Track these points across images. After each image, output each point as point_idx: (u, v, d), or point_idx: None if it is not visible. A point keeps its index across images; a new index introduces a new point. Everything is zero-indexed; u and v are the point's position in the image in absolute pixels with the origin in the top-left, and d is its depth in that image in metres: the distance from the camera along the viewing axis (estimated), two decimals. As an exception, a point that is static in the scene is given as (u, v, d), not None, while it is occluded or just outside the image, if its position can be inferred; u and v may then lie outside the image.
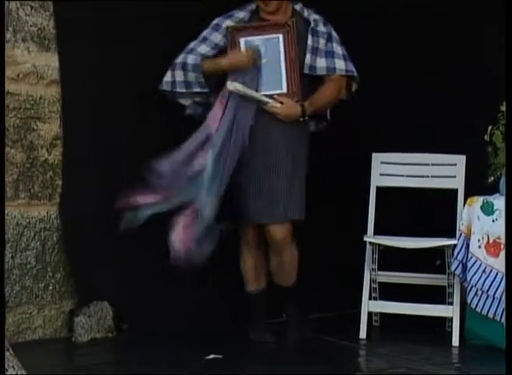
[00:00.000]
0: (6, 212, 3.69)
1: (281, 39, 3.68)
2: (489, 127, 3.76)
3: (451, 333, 3.79)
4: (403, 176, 4.04)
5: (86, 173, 3.86)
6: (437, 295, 3.93)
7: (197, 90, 3.71)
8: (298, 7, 3.80)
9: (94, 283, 3.86)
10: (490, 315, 3.66)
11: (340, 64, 3.75)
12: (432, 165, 4.00)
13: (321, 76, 3.75)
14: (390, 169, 4.04)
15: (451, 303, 3.84)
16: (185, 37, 3.75)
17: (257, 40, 3.69)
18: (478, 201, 3.73)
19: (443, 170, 3.99)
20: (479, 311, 3.69)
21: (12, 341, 3.38)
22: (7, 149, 3.71)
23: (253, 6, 3.76)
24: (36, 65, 3.77)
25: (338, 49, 3.76)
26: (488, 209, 3.70)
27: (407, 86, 4.27)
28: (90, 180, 3.86)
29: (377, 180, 4.04)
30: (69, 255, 3.87)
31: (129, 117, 3.96)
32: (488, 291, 3.66)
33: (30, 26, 3.73)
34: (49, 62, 3.80)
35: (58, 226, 3.86)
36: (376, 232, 3.98)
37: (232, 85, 3.63)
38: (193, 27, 3.77)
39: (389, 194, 4.03)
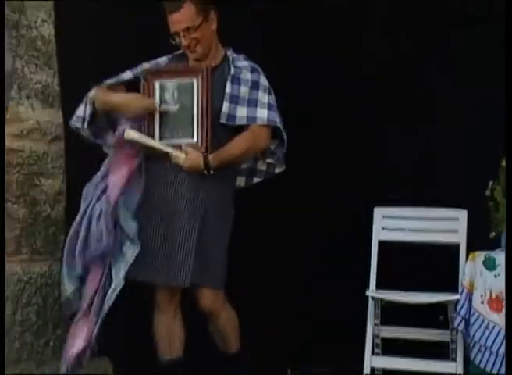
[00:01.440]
0: (7, 267, 3.68)
1: (195, 85, 3.43)
2: (490, 182, 3.78)
3: (455, 389, 3.77)
4: (405, 230, 4.04)
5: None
6: (441, 350, 3.90)
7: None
8: (229, 52, 3.58)
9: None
10: (494, 371, 3.63)
11: (262, 113, 3.48)
12: (434, 219, 4.01)
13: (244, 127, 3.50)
14: (392, 224, 4.05)
15: (454, 359, 3.82)
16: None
17: (170, 84, 3.45)
18: (480, 256, 3.72)
19: (445, 225, 3.99)
20: (483, 367, 3.66)
21: (12, 398, 3.36)
22: (9, 205, 3.71)
23: (178, 52, 3.56)
24: (40, 121, 3.80)
25: (263, 98, 3.50)
26: (490, 264, 3.69)
27: (408, 138, 4.29)
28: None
29: (379, 234, 4.04)
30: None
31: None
32: (491, 347, 3.63)
33: (35, 83, 3.77)
34: (53, 118, 3.83)
35: (60, 281, 3.85)
36: (378, 286, 3.97)
37: (127, 134, 3.40)
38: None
39: (392, 248, 4.04)
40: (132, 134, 3.42)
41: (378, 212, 4.05)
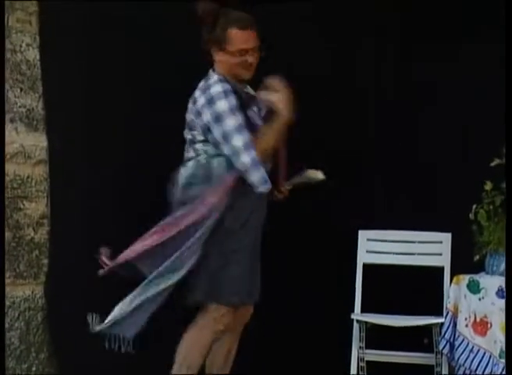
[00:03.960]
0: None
1: None
2: (474, 206, 3.79)
3: (440, 413, 3.77)
4: (389, 253, 4.06)
5: (72, 253, 3.85)
6: (426, 373, 3.90)
7: None
8: None
9: (78, 364, 3.81)
10: (479, 395, 3.64)
11: None
12: (418, 242, 4.03)
13: None
14: (377, 247, 4.06)
15: (439, 382, 3.82)
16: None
17: None
18: (465, 279, 3.73)
19: (429, 248, 4.01)
20: (468, 391, 3.66)
21: (-6, 426, 3.32)
22: (-8, 228, 3.72)
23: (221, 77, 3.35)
24: (24, 145, 3.81)
25: None
26: (474, 288, 3.71)
27: (393, 162, 4.30)
28: (76, 259, 3.85)
29: (364, 257, 4.05)
30: (53, 335, 3.83)
31: (116, 194, 3.98)
32: (476, 370, 3.64)
33: (19, 107, 3.78)
34: (37, 142, 3.84)
35: (43, 305, 3.83)
36: (363, 309, 3.97)
37: (320, 175, 3.47)
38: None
39: (376, 272, 4.04)
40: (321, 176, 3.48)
41: (363, 235, 4.07)
